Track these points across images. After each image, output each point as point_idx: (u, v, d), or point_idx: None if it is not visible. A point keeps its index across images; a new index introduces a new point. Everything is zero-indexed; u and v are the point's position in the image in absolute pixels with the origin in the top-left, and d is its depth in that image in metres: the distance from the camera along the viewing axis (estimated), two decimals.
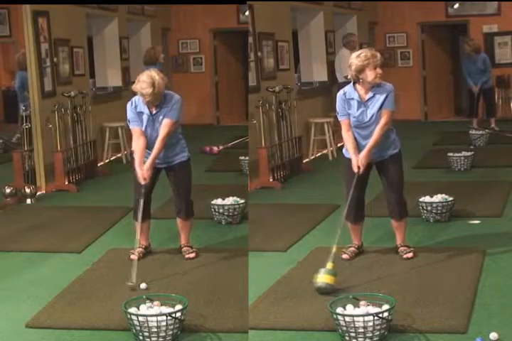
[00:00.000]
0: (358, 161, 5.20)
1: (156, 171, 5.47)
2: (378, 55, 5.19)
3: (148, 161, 5.30)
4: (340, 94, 5.30)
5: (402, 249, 5.46)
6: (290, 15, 9.86)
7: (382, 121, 5.17)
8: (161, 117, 5.32)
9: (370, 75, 5.12)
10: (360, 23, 12.33)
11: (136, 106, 5.34)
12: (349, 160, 5.33)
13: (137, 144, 5.33)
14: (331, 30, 11.16)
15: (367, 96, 5.19)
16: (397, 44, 14.00)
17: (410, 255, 5.40)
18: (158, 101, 5.28)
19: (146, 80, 5.19)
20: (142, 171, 5.28)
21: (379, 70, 5.15)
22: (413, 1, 13.36)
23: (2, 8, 9.91)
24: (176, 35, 13.93)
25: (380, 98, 5.17)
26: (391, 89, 5.21)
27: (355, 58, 5.16)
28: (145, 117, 5.33)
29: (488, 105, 12.15)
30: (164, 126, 5.30)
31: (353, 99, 5.22)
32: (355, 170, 5.20)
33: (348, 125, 5.26)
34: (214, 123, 14.11)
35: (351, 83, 5.26)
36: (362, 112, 5.20)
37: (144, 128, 5.34)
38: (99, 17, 10.74)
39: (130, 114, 5.36)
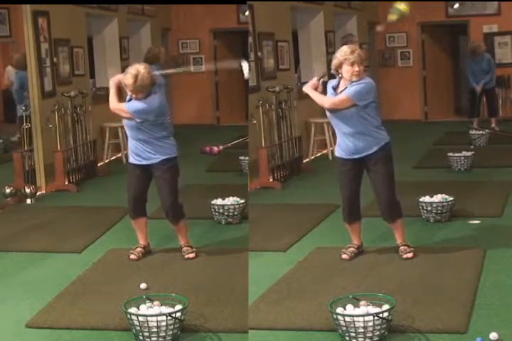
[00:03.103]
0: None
1: (145, 171, 5.47)
2: (357, 51, 5.14)
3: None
4: (328, 90, 5.37)
5: (402, 248, 5.45)
6: (290, 15, 9.86)
7: (332, 98, 5.18)
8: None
9: (347, 71, 5.13)
10: (360, 23, 12.34)
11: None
12: (342, 160, 5.34)
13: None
14: (331, 30, 11.16)
15: (342, 89, 5.21)
16: (397, 44, 13.99)
17: (410, 255, 5.40)
18: (140, 95, 5.29)
19: (131, 71, 5.24)
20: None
21: (356, 67, 5.12)
22: (413, 1, 13.33)
23: (2, 8, 9.91)
24: (176, 35, 13.92)
25: (349, 88, 5.18)
26: (365, 82, 5.17)
27: (338, 53, 5.20)
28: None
29: (491, 105, 12.16)
30: (121, 105, 5.38)
31: (329, 88, 5.30)
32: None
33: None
34: (214, 123, 14.10)
35: (338, 77, 5.30)
36: None
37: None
38: (99, 17, 10.73)
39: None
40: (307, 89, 5.35)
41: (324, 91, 5.37)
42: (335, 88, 5.27)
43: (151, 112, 5.30)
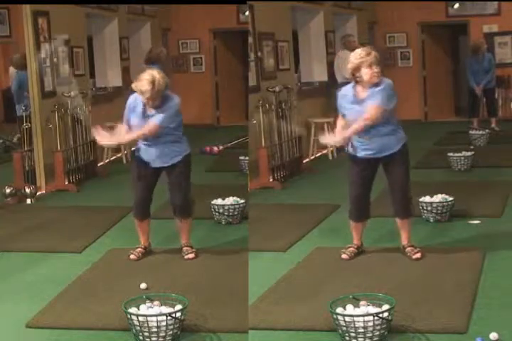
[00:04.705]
0: (333, 137, 5.30)
1: (156, 172, 5.47)
2: (373, 53, 5.13)
3: (120, 137, 5.37)
4: (342, 92, 5.32)
5: (409, 249, 5.43)
6: (290, 15, 9.86)
7: (365, 114, 5.13)
8: (167, 112, 5.32)
9: (366, 73, 5.11)
10: (360, 23, 12.33)
11: (136, 105, 5.34)
12: (350, 156, 5.34)
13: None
14: (331, 30, 11.16)
15: (364, 95, 5.17)
16: (397, 44, 13.99)
17: (419, 255, 5.37)
18: (157, 101, 5.27)
19: (146, 78, 5.19)
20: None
21: (375, 68, 5.10)
22: (413, 1, 13.36)
23: (2, 8, 9.91)
24: (176, 35, 13.92)
25: (375, 95, 5.15)
26: (386, 84, 5.16)
27: (352, 56, 5.18)
28: (139, 117, 5.33)
29: (490, 105, 12.16)
30: (148, 125, 5.29)
31: (346, 95, 5.24)
32: (329, 141, 5.34)
33: (342, 120, 5.34)
34: (214, 123, 14.11)
35: (352, 83, 5.26)
36: (358, 110, 5.18)
37: (135, 127, 5.35)
38: (99, 17, 10.73)
39: (127, 111, 5.40)
40: (331, 139, 5.34)
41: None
42: (355, 94, 5.21)
43: (178, 113, 5.37)
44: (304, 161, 9.52)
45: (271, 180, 8.38)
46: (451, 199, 6.45)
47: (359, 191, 5.39)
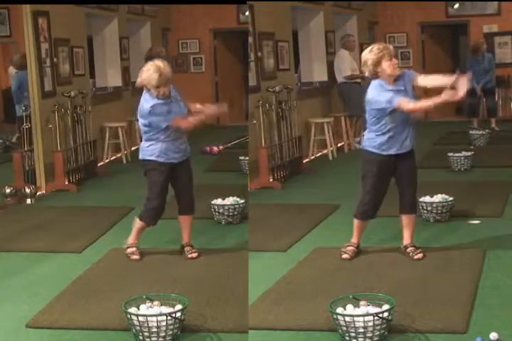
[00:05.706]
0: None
1: (170, 174, 5.44)
2: (389, 46, 5.22)
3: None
4: (374, 89, 5.17)
5: (411, 249, 5.43)
6: (290, 15, 9.86)
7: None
8: (179, 98, 5.37)
9: (387, 66, 5.11)
10: (360, 23, 12.34)
11: (157, 104, 5.24)
12: (372, 154, 5.27)
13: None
14: (331, 30, 11.16)
15: (397, 88, 5.18)
16: (397, 44, 13.97)
17: (420, 256, 5.36)
18: (166, 88, 5.24)
19: (150, 68, 5.22)
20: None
21: (395, 60, 5.15)
22: (413, 1, 13.37)
23: (2, 8, 9.91)
24: (176, 35, 13.93)
25: (408, 85, 5.21)
26: (408, 71, 5.28)
27: (368, 53, 5.15)
28: (169, 106, 5.28)
29: (490, 105, 12.16)
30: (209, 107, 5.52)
31: (401, 89, 5.17)
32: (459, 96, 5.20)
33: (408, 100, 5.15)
34: (214, 123, 14.09)
35: (378, 80, 5.19)
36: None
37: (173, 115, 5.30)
38: (99, 17, 10.74)
39: (156, 115, 5.23)
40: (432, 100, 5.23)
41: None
42: (400, 88, 5.18)
43: None
44: (304, 161, 9.52)
45: (271, 180, 8.38)
46: (451, 199, 6.45)
47: (378, 191, 5.35)
